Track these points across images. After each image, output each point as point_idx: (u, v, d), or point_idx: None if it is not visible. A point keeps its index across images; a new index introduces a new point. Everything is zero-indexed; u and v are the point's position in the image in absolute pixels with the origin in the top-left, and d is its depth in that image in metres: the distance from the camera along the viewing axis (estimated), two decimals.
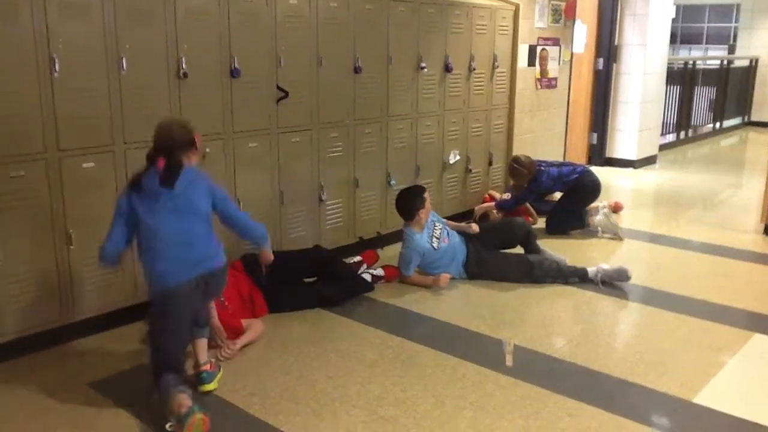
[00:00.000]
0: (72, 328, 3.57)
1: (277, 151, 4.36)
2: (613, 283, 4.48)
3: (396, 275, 4.59)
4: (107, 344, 3.59)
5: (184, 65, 3.75)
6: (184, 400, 2.75)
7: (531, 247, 4.80)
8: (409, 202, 4.55)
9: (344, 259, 4.56)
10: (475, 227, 4.76)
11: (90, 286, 3.59)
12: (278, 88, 4.27)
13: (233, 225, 3.17)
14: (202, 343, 3.18)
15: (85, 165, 3.48)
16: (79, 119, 3.42)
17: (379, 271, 4.56)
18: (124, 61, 3.51)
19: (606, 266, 4.53)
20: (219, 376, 3.20)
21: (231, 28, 3.96)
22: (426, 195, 4.57)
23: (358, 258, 4.65)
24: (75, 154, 3.43)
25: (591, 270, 4.52)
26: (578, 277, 4.53)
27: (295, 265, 4.13)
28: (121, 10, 3.48)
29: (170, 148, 2.93)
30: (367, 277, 4.43)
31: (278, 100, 4.29)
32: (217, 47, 3.92)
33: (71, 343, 3.56)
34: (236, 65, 3.99)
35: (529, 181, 5.72)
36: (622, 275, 4.47)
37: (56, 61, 3.28)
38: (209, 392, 3.11)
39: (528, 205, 5.93)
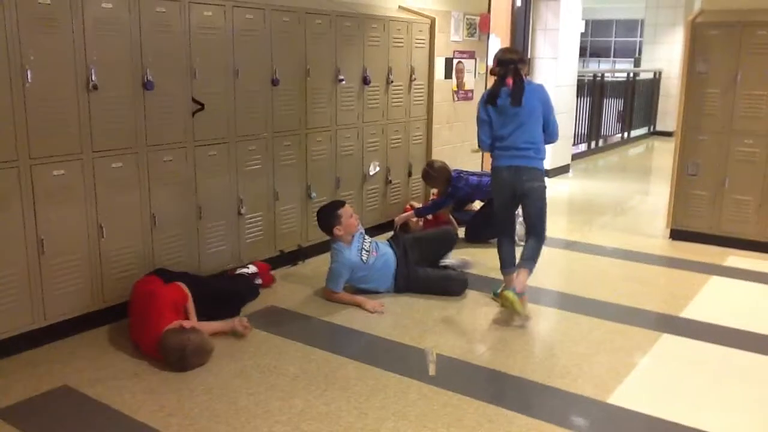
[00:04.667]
0: None
1: (194, 165, 4.27)
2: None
3: (267, 270, 4.64)
4: (13, 370, 3.41)
5: (93, 77, 3.63)
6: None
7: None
8: (325, 221, 4.48)
9: (237, 269, 4.54)
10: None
11: None
12: (194, 100, 4.20)
13: (546, 129, 4.17)
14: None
15: None
16: None
17: (252, 268, 4.52)
18: (28, 72, 3.37)
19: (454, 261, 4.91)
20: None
21: (143, 38, 3.86)
22: (341, 211, 4.44)
23: (253, 269, 4.58)
24: None
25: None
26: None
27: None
28: (24, 19, 3.34)
29: (515, 61, 3.95)
30: (246, 274, 4.48)
31: (194, 113, 4.21)
32: (129, 58, 3.82)
33: None
34: (149, 77, 3.89)
35: (446, 186, 5.85)
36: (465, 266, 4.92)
37: None
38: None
39: (451, 216, 6.03)
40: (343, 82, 5.28)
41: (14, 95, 3.35)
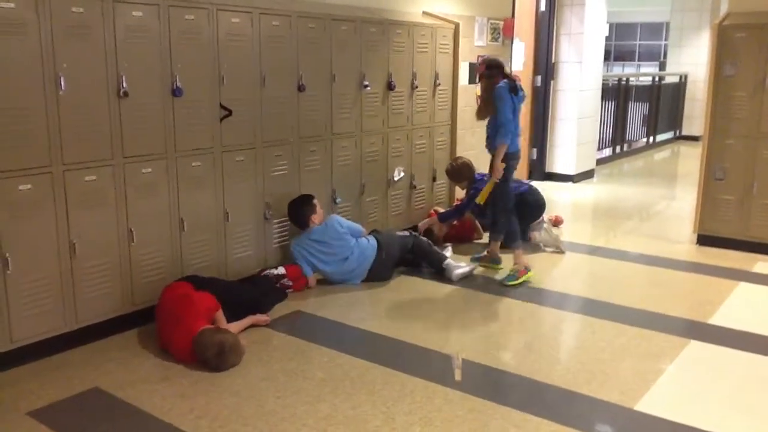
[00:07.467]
0: (8, 356, 3.45)
1: (221, 170, 4.32)
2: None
3: (299, 273, 4.68)
4: (46, 372, 3.48)
5: (124, 84, 3.70)
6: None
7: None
8: (301, 211, 4.71)
9: (265, 270, 4.59)
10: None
11: (27, 313, 3.48)
12: (221, 106, 4.25)
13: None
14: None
15: (21, 187, 3.38)
16: (14, 139, 3.33)
17: (281, 270, 4.59)
18: (62, 79, 3.44)
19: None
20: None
21: (172, 46, 3.92)
22: (315, 200, 4.75)
23: (282, 270, 4.62)
24: (11, 176, 3.33)
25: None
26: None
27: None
28: (58, 28, 3.41)
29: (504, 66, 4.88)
30: (272, 274, 4.53)
31: (221, 119, 4.27)
32: (159, 66, 3.88)
33: (8, 372, 3.44)
34: (178, 84, 3.95)
35: (468, 186, 5.87)
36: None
37: None
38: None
39: (476, 222, 6.03)
40: (368, 88, 5.31)
41: (48, 102, 3.43)
